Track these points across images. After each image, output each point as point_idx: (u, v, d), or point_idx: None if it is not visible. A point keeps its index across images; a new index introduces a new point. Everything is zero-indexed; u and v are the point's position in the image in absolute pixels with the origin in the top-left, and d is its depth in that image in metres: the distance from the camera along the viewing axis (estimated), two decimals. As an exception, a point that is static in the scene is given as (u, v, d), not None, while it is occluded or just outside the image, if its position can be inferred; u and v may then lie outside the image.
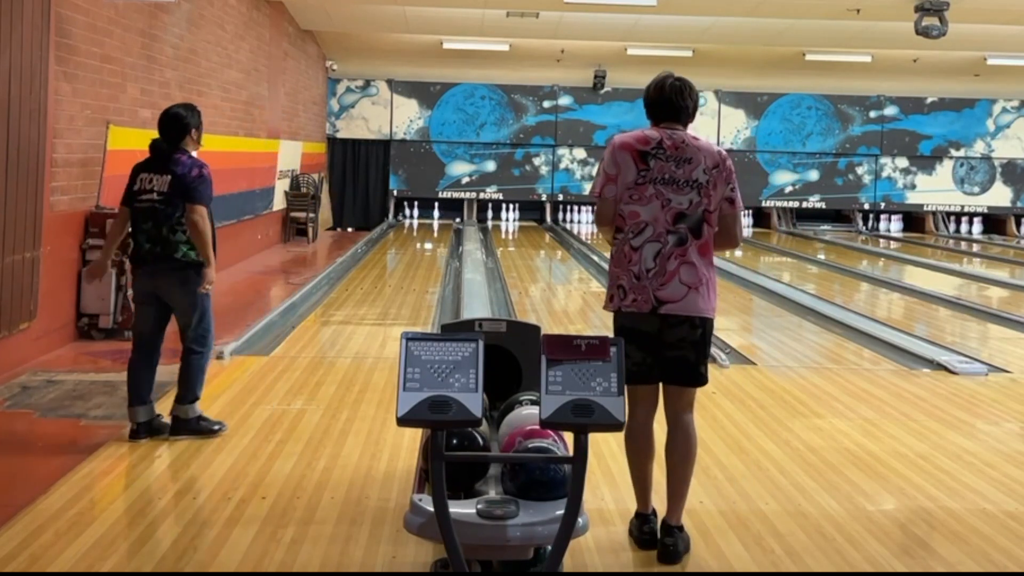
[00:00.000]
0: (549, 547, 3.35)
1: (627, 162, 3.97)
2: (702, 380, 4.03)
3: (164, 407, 5.52)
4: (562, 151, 21.60)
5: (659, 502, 4.07)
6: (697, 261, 3.94)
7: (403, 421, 3.20)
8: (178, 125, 5.40)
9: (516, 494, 3.47)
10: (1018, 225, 22.40)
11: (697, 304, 3.92)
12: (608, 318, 4.23)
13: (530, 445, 3.59)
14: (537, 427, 3.58)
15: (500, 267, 13.69)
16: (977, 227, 22.62)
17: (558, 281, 13.72)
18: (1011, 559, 4.08)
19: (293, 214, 16.42)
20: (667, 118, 4.07)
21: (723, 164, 4.01)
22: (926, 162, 22.28)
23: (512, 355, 4.30)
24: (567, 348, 3.29)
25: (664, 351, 3.94)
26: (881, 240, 20.96)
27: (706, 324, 3.98)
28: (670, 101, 4.07)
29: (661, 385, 4.05)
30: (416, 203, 21.81)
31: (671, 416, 4.05)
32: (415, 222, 21.52)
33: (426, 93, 21.33)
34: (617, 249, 4.01)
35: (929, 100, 22.04)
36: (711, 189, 3.96)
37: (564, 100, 21.53)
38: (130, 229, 5.44)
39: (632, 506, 4.24)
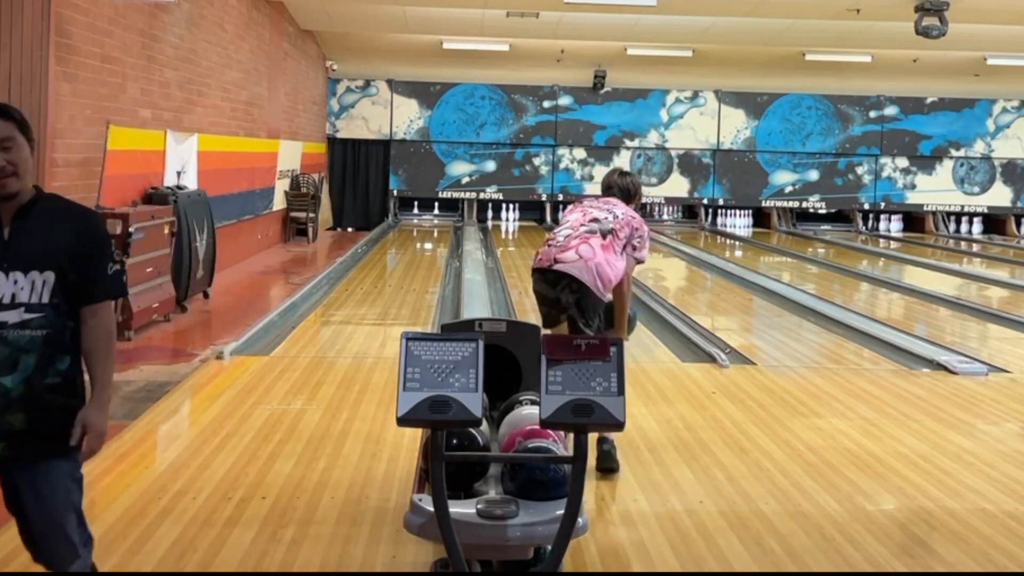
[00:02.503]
0: (549, 547, 3.34)
1: (570, 208, 5.40)
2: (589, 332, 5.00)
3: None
4: (562, 151, 21.59)
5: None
6: (596, 247, 4.96)
7: (403, 421, 3.20)
8: None
9: (516, 494, 3.47)
10: (1018, 225, 22.38)
11: (582, 273, 4.89)
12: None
13: (530, 445, 3.59)
14: (537, 427, 3.58)
15: (500, 267, 13.68)
16: (977, 227, 22.60)
17: (558, 281, 13.70)
18: (1011, 559, 4.08)
19: (293, 214, 16.42)
20: (605, 194, 5.42)
21: (635, 220, 5.20)
22: (926, 162, 22.27)
23: (512, 355, 4.30)
24: (567, 348, 3.29)
25: (561, 311, 4.98)
26: (881, 240, 20.96)
27: (583, 291, 4.89)
28: (608, 186, 5.44)
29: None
30: (416, 203, 21.83)
31: None
32: (417, 220, 21.53)
33: (426, 93, 21.32)
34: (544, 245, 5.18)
35: (929, 100, 22.03)
36: (622, 223, 5.11)
37: (564, 100, 21.52)
38: None
39: (631, 505, 4.26)
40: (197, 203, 9.86)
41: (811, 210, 22.18)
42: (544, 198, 21.63)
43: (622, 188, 5.38)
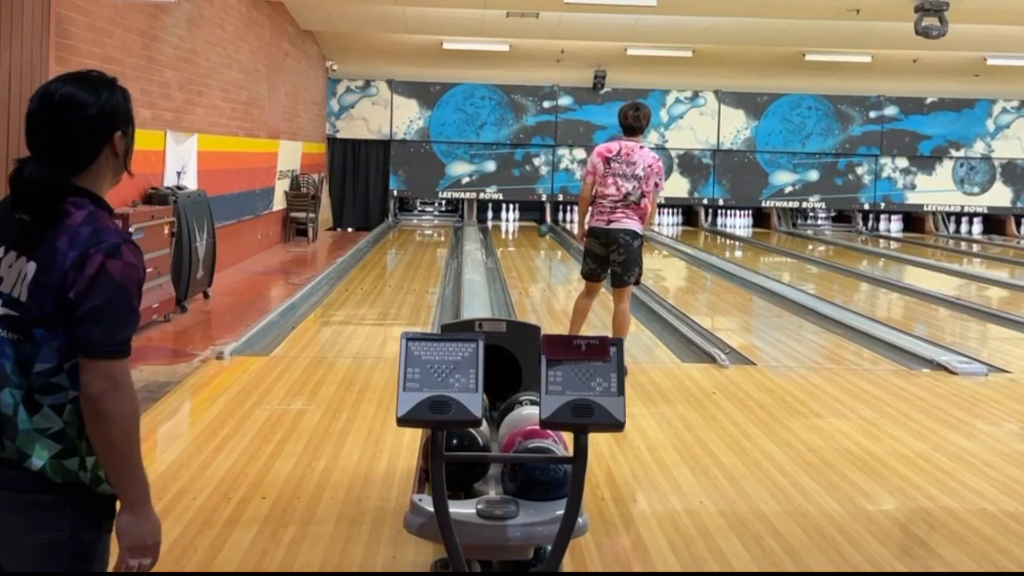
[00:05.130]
0: (549, 547, 3.35)
1: (599, 164, 7.12)
2: (626, 284, 7.08)
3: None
4: (562, 151, 21.59)
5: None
6: (632, 214, 7.04)
7: (403, 421, 3.20)
8: (81, 125, 2.14)
9: (516, 494, 3.47)
10: (1018, 225, 22.38)
11: (628, 225, 7.02)
12: (607, 318, 6.51)
13: (530, 445, 3.59)
14: (537, 427, 3.58)
15: (500, 267, 13.69)
16: (977, 227, 22.59)
17: (558, 281, 13.71)
18: (1011, 559, 4.08)
19: (293, 214, 16.42)
20: (627, 135, 7.15)
21: (654, 165, 7.09)
22: (926, 162, 22.26)
23: (512, 355, 4.30)
24: (567, 348, 3.29)
25: (608, 266, 7.12)
26: (881, 240, 20.96)
27: (632, 243, 7.01)
28: (629, 126, 7.12)
29: (610, 284, 7.23)
30: (416, 203, 21.84)
31: (615, 304, 7.16)
32: (417, 220, 21.54)
33: (426, 93, 21.32)
34: (594, 206, 7.15)
35: (929, 100, 22.02)
36: (645, 180, 7.04)
37: (564, 100, 21.52)
38: None
39: (631, 505, 4.26)
40: (197, 203, 9.86)
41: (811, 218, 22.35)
42: (544, 198, 21.63)
43: (640, 129, 7.14)
